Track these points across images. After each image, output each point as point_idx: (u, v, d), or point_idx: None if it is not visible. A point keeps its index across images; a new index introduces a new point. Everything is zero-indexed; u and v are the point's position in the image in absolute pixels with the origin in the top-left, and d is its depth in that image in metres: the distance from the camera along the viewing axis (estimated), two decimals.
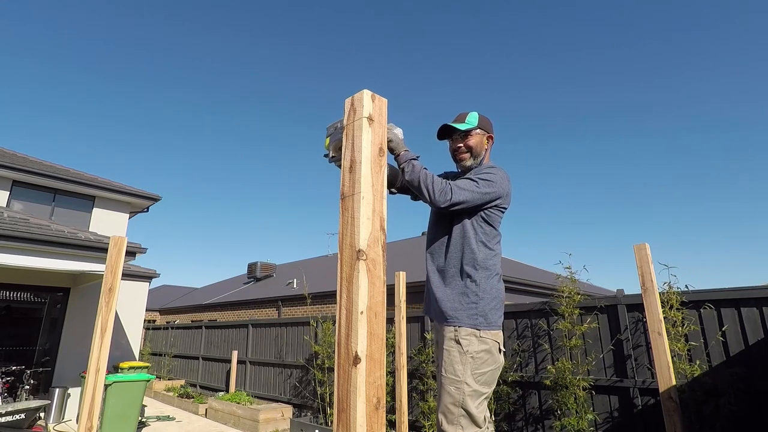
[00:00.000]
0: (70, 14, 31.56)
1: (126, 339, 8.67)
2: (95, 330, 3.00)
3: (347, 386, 0.97)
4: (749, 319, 3.64)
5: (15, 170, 8.44)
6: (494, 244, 1.88)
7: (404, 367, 4.64)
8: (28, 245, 5.60)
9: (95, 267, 6.19)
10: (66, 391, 7.04)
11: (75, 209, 9.41)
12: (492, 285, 1.82)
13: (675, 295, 3.96)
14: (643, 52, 33.81)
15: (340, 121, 1.45)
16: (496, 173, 1.89)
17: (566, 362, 4.31)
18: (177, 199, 55.01)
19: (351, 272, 1.04)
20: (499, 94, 37.48)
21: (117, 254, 3.18)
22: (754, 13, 31.11)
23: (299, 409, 7.30)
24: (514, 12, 36.29)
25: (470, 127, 2.00)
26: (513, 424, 4.81)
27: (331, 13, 39.93)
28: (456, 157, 2.06)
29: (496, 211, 1.89)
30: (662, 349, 3.24)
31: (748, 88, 33.81)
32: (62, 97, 39.89)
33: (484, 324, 1.75)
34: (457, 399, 1.67)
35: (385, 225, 1.12)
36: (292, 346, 7.96)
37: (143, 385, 6.19)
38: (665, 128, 37.88)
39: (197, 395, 8.92)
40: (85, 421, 2.85)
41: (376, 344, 1.01)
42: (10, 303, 7.92)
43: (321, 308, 12.02)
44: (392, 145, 1.76)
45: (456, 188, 1.77)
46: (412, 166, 1.75)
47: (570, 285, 4.63)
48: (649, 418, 3.95)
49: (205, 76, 40.90)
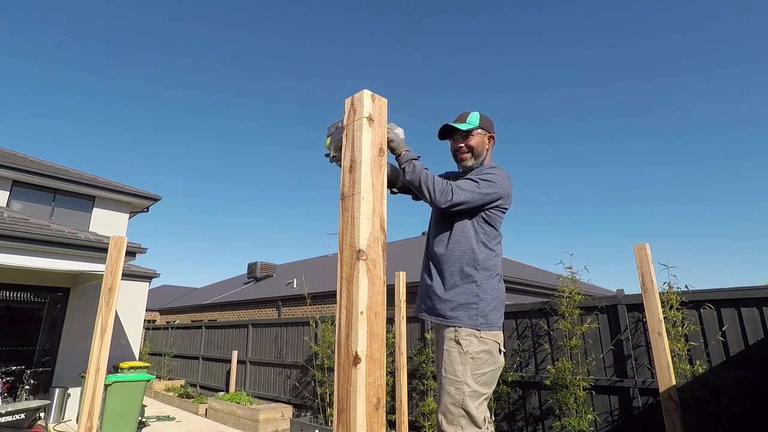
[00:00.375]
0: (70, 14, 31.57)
1: (126, 339, 8.67)
2: (95, 330, 3.00)
3: (347, 386, 0.97)
4: (749, 319, 3.64)
5: (15, 170, 8.44)
6: (495, 244, 1.87)
7: (404, 367, 4.64)
8: (28, 245, 5.60)
9: (95, 267, 6.19)
10: (66, 391, 7.04)
11: (75, 209, 9.41)
12: (492, 285, 1.82)
13: (675, 295, 3.96)
14: (644, 52, 33.82)
15: (341, 120, 1.45)
16: (497, 173, 1.88)
17: (566, 362, 4.31)
18: (177, 199, 55.03)
19: (351, 272, 1.04)
20: (499, 94, 37.50)
21: (117, 254, 3.18)
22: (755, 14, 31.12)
23: (299, 409, 7.30)
24: (514, 12, 36.31)
25: (471, 127, 2.00)
26: (513, 424, 4.81)
27: (331, 13, 39.96)
28: (457, 157, 2.05)
29: (497, 211, 1.88)
30: (662, 349, 3.24)
31: (748, 88, 33.82)
32: (62, 97, 39.92)
33: (485, 324, 1.75)
34: (457, 399, 1.67)
35: (385, 225, 1.12)
36: (292, 346, 7.96)
37: (143, 385, 6.19)
38: (665, 128, 37.90)
39: (197, 395, 8.92)
40: (85, 421, 2.85)
41: (376, 344, 1.01)
42: (10, 303, 7.92)
43: (321, 308, 12.02)
44: (393, 145, 1.75)
45: (457, 188, 1.77)
46: (413, 166, 1.75)
47: (571, 285, 4.63)
48: (649, 418, 3.95)
49: (205, 76, 40.93)
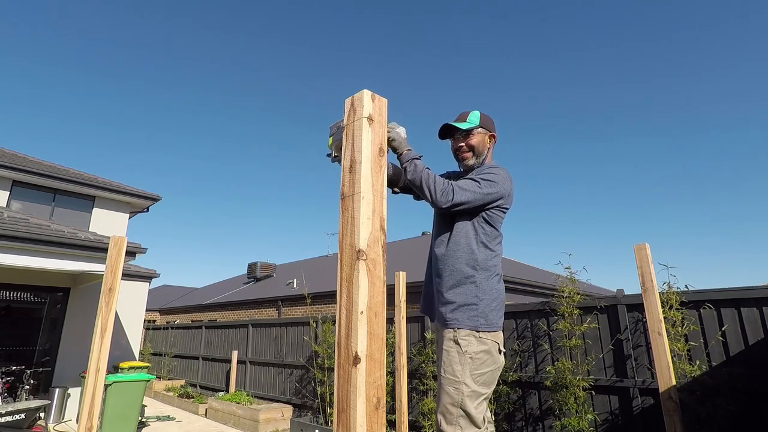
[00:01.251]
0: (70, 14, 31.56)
1: (126, 339, 8.67)
2: (95, 330, 3.00)
3: (347, 386, 0.97)
4: (749, 319, 3.64)
5: (15, 170, 8.44)
6: (495, 244, 1.86)
7: (404, 367, 4.64)
8: (28, 245, 5.60)
9: (95, 267, 6.19)
10: (66, 391, 7.04)
11: (75, 209, 9.41)
12: (492, 286, 1.81)
13: (675, 295, 3.96)
14: (644, 52, 33.81)
15: (342, 120, 1.45)
16: (498, 173, 1.87)
17: (566, 362, 4.31)
18: (177, 199, 55.04)
19: (351, 272, 1.04)
20: (500, 94, 37.49)
21: (117, 254, 3.18)
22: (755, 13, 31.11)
23: (299, 409, 7.30)
24: (515, 12, 36.30)
25: (472, 126, 1.99)
26: (513, 424, 4.81)
27: (331, 12, 39.94)
28: (458, 157, 2.04)
29: (497, 211, 1.88)
30: (662, 349, 3.24)
31: (748, 88, 33.82)
32: (62, 97, 39.92)
33: (485, 325, 1.74)
34: (456, 399, 1.66)
35: (385, 225, 1.12)
36: (292, 346, 7.96)
37: (143, 385, 6.19)
38: (665, 128, 37.90)
39: (197, 395, 8.92)
40: (85, 421, 2.85)
41: (376, 344, 1.01)
42: (10, 303, 7.92)
43: (321, 308, 12.02)
44: (395, 144, 1.74)
45: (458, 189, 1.76)
46: (414, 166, 1.74)
47: (570, 285, 4.63)
48: (649, 418, 3.95)
49: (205, 76, 40.92)
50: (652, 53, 33.79)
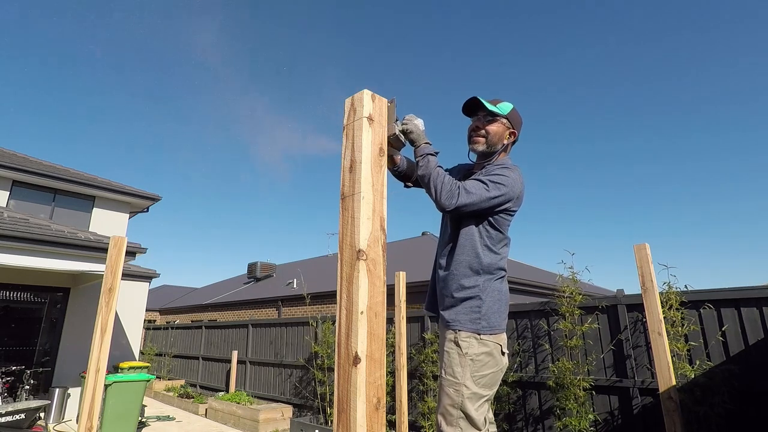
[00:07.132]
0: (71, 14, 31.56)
1: (126, 339, 8.67)
2: (95, 330, 3.00)
3: (347, 386, 0.97)
4: (749, 319, 3.64)
5: (15, 170, 8.44)
6: (500, 248, 1.83)
7: (404, 367, 4.64)
8: (28, 245, 5.60)
9: (95, 267, 6.19)
10: (66, 391, 7.04)
11: (75, 209, 9.41)
12: (495, 287, 1.79)
13: (675, 295, 3.95)
14: (644, 53, 33.83)
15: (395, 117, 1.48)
16: (508, 175, 1.79)
17: (566, 362, 4.31)
18: (177, 199, 55.03)
19: (351, 272, 1.04)
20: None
21: (117, 254, 3.18)
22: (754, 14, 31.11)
23: (299, 409, 7.30)
24: (515, 12, 36.30)
25: (498, 113, 1.90)
26: (513, 424, 4.81)
27: (331, 12, 39.94)
28: (471, 138, 1.96)
29: (504, 215, 1.82)
30: (662, 349, 3.24)
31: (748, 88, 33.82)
32: (62, 97, 39.93)
33: (486, 328, 1.72)
34: (456, 401, 1.65)
35: (385, 225, 1.12)
36: (292, 346, 7.96)
37: (143, 385, 6.19)
38: (665, 128, 37.91)
39: (197, 395, 8.92)
40: (85, 421, 2.85)
41: (376, 344, 1.01)
42: (10, 303, 7.92)
43: (321, 308, 12.01)
44: (413, 137, 1.69)
45: (464, 191, 1.69)
46: (427, 161, 1.70)
47: (571, 285, 4.63)
48: (649, 418, 3.95)
49: (205, 76, 40.94)
50: (653, 53, 33.82)
